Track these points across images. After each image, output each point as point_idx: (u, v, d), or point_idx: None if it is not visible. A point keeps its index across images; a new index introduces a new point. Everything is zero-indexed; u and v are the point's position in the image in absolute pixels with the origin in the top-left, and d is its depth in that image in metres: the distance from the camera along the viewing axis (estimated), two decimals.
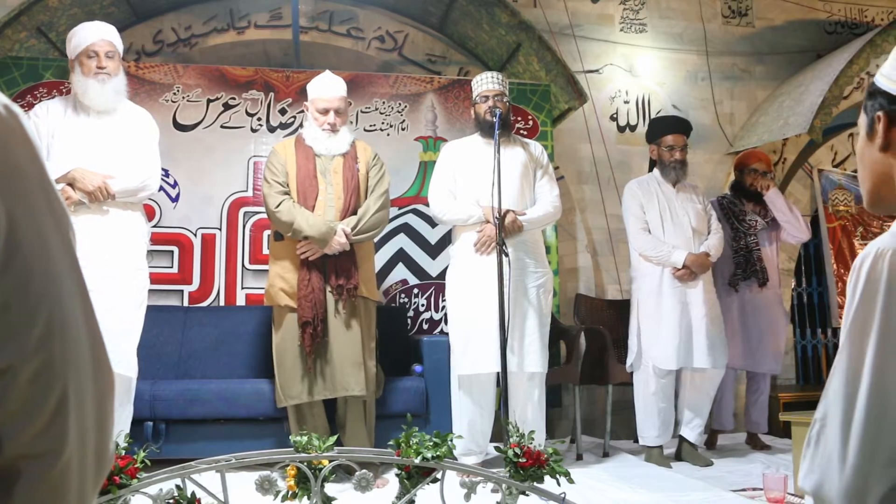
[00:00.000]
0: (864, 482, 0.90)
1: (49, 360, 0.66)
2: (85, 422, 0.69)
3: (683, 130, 4.05)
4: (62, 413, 0.67)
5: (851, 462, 0.91)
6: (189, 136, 4.32)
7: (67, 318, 0.68)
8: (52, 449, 0.66)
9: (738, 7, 5.75)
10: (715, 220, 4.06)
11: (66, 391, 0.67)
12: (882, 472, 0.89)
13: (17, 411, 0.65)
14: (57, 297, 0.67)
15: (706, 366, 3.78)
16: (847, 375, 0.94)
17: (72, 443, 0.67)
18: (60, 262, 0.69)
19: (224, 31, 4.95)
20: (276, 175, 3.36)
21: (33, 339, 0.65)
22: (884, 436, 0.90)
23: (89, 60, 3.04)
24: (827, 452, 0.94)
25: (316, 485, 2.09)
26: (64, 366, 0.67)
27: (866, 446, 0.90)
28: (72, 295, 0.69)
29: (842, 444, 0.92)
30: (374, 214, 3.36)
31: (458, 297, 3.48)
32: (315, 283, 3.24)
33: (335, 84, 3.43)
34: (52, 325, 0.66)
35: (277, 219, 3.28)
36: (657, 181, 4.02)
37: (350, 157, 3.41)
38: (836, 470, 0.92)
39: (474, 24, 4.89)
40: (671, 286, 3.85)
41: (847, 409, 0.93)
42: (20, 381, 0.65)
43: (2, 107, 0.66)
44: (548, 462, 2.18)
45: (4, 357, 0.64)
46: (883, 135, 1.04)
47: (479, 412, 3.40)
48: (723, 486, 3.23)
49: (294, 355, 3.24)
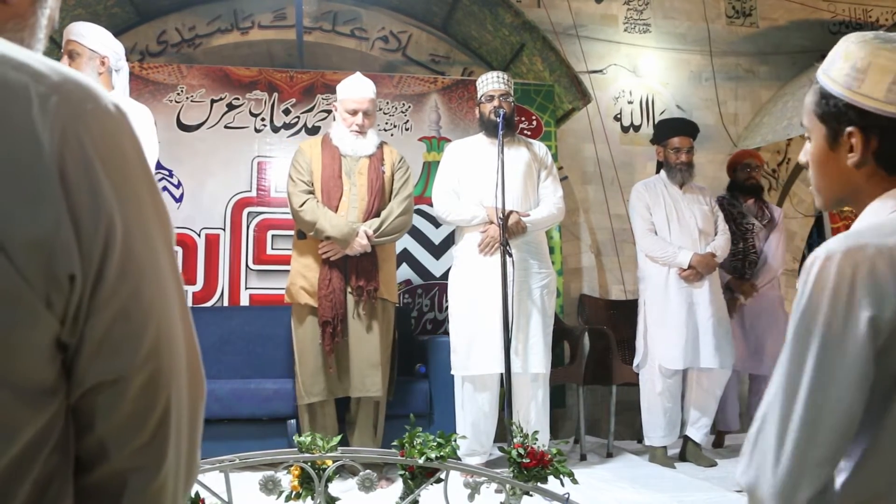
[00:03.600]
0: (796, 482, 0.91)
1: (157, 371, 0.65)
2: (181, 432, 0.68)
3: (690, 133, 4.04)
4: (165, 424, 0.66)
5: (785, 462, 0.92)
6: (193, 136, 4.32)
7: (172, 326, 0.67)
8: (155, 460, 0.66)
9: (742, 7, 5.74)
10: (722, 220, 4.06)
11: (169, 402, 0.66)
12: (813, 472, 0.91)
13: (124, 423, 0.64)
14: (165, 304, 0.66)
15: (713, 366, 3.78)
16: (788, 376, 0.95)
17: (171, 454, 0.67)
18: (166, 268, 0.67)
19: (228, 32, 4.96)
20: (301, 174, 3.37)
21: (145, 349, 0.64)
22: (818, 437, 0.91)
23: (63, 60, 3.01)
24: (763, 451, 0.95)
25: (319, 485, 2.09)
26: (169, 377, 0.66)
27: (800, 447, 0.91)
28: (175, 302, 0.68)
29: (777, 444, 0.93)
30: (398, 218, 3.37)
31: (462, 298, 3.48)
32: (336, 283, 3.26)
33: (365, 85, 3.44)
34: (161, 334, 0.65)
35: (301, 218, 3.30)
36: (664, 183, 4.02)
37: (376, 159, 3.42)
38: (770, 469, 0.93)
39: (478, 24, 4.89)
40: (678, 287, 3.84)
41: (785, 410, 0.93)
42: (130, 392, 0.63)
43: (113, 106, 0.64)
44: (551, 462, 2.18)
45: (117, 367, 0.63)
46: (861, 152, 1.04)
47: (482, 413, 3.40)
48: (726, 487, 3.22)
49: (315, 353, 3.27)
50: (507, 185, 3.27)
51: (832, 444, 0.91)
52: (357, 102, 3.40)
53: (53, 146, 0.58)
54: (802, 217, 5.63)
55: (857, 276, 0.91)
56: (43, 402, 0.60)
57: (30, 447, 0.59)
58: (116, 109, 0.64)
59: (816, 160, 1.10)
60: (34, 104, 0.58)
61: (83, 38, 2.97)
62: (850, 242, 0.94)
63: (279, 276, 4.16)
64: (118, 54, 3.07)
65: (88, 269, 0.60)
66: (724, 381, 3.90)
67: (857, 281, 0.91)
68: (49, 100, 0.59)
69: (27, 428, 0.59)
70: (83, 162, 0.60)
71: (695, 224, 3.93)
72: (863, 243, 0.93)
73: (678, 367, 3.78)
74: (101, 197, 0.60)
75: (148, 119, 3.03)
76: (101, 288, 0.61)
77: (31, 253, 0.57)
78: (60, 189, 0.58)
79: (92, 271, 0.60)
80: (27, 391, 0.59)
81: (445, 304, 4.25)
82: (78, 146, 0.60)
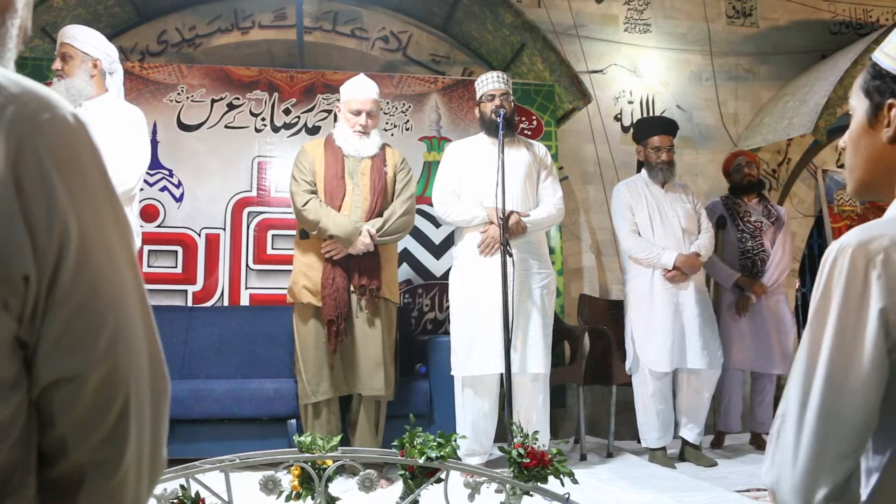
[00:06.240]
0: (814, 478, 0.90)
1: (114, 368, 0.67)
2: (143, 428, 0.70)
3: (670, 131, 4.03)
4: (124, 420, 0.68)
5: (802, 458, 0.91)
6: (193, 136, 4.32)
7: (131, 324, 0.69)
8: (115, 455, 0.68)
9: (743, 7, 5.74)
10: (705, 218, 4.04)
11: (129, 398, 0.68)
12: (831, 467, 0.90)
13: (82, 419, 0.66)
14: (122, 303, 0.68)
15: (701, 366, 3.77)
16: (804, 371, 0.94)
17: (131, 449, 0.69)
18: (125, 270, 0.69)
19: (228, 32, 4.96)
20: (304, 174, 3.39)
21: (101, 346, 0.66)
22: (834, 432, 0.90)
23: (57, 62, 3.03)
24: (783, 448, 0.94)
25: (320, 485, 2.09)
26: (127, 373, 0.68)
27: (817, 442, 0.90)
28: (134, 301, 0.70)
29: (795, 440, 0.92)
30: (400, 218, 3.38)
31: (462, 298, 3.48)
32: (339, 281, 3.27)
33: (368, 86, 3.45)
34: (118, 332, 0.67)
35: (304, 217, 3.31)
36: (645, 182, 4.01)
37: (379, 159, 3.43)
38: (790, 466, 0.92)
39: (478, 24, 4.89)
40: (662, 288, 3.84)
41: (802, 405, 0.93)
42: (88, 388, 0.65)
43: (70, 116, 0.67)
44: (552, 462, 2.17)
45: (74, 364, 0.65)
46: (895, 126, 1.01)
47: (482, 413, 3.40)
48: (726, 487, 3.22)
49: (318, 352, 3.28)
50: (507, 185, 3.27)
51: (849, 439, 0.90)
52: (360, 103, 3.41)
53: (9, 154, 0.61)
54: (802, 217, 5.63)
55: (870, 269, 0.90)
56: (4, 396, 0.62)
57: None
58: (74, 119, 0.67)
59: (853, 137, 1.08)
60: None
61: (76, 42, 2.99)
62: (864, 235, 0.93)
63: (279, 275, 4.17)
64: (111, 57, 3.08)
65: (43, 270, 0.62)
66: (713, 381, 3.89)
67: (871, 273, 0.90)
68: (6, 110, 0.62)
69: None
70: (38, 169, 0.62)
71: (678, 223, 3.92)
72: (877, 235, 0.92)
73: (666, 369, 3.78)
74: (55, 202, 0.63)
75: (140, 120, 3.04)
76: (56, 288, 0.63)
77: None
78: (14, 195, 0.61)
79: (47, 272, 0.63)
80: None
81: (445, 304, 4.25)
82: (33, 154, 0.62)
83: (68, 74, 2.99)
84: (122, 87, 3.16)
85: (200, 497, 2.04)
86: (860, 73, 1.09)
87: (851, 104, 1.09)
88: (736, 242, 4.30)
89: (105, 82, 3.06)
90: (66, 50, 2.99)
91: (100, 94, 3.03)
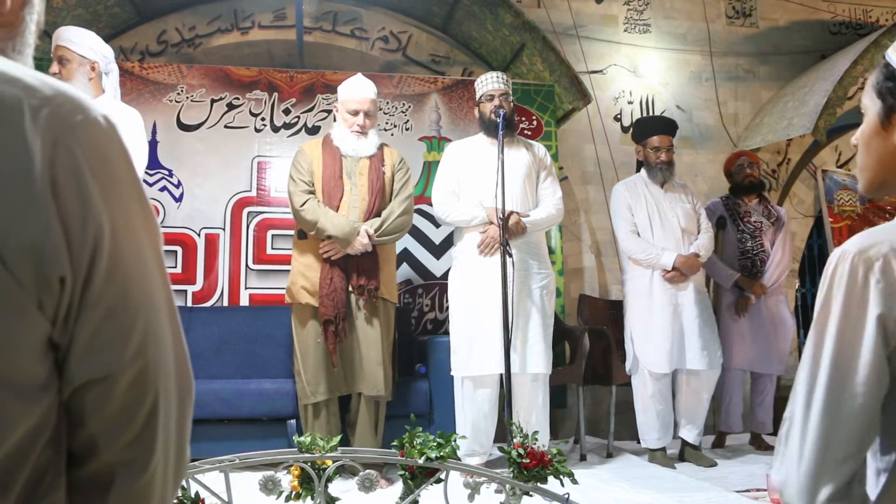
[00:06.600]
0: (818, 479, 0.92)
1: (144, 368, 0.67)
2: (169, 427, 0.71)
3: (669, 131, 4.02)
4: (153, 420, 0.69)
5: (806, 459, 0.93)
6: (193, 136, 4.32)
7: (160, 325, 0.69)
8: (143, 455, 0.69)
9: (742, 7, 5.74)
10: (705, 218, 4.03)
11: (157, 398, 0.69)
12: (833, 469, 0.91)
13: (113, 419, 0.67)
14: (152, 304, 0.69)
15: (700, 367, 3.77)
16: (808, 375, 0.96)
17: (159, 449, 0.69)
18: (154, 270, 0.70)
19: (228, 32, 4.96)
20: (302, 174, 3.39)
21: (132, 346, 0.66)
22: (836, 434, 0.91)
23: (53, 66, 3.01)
24: (790, 449, 0.96)
25: (319, 485, 2.09)
26: (156, 373, 0.68)
27: (820, 444, 0.92)
28: (162, 301, 0.71)
29: (800, 442, 0.94)
30: (398, 218, 3.38)
31: (462, 298, 3.47)
32: (337, 282, 3.27)
33: (366, 86, 3.45)
34: (148, 332, 0.68)
35: (301, 217, 3.31)
36: (644, 182, 4.00)
37: (377, 159, 3.43)
38: (795, 467, 0.94)
39: (478, 24, 4.89)
40: (662, 288, 3.83)
41: (806, 409, 0.95)
42: (119, 388, 0.66)
43: (102, 118, 0.67)
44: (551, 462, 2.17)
45: (105, 364, 0.65)
46: None
47: (482, 413, 3.40)
48: (726, 487, 3.22)
49: (317, 353, 3.28)
50: (506, 185, 3.27)
51: (851, 442, 0.91)
52: (358, 103, 3.40)
53: (45, 156, 0.61)
54: (802, 217, 5.63)
55: (869, 275, 0.92)
56: (36, 398, 0.63)
57: (24, 441, 0.62)
58: (105, 121, 0.67)
59: (865, 137, 1.07)
60: (26, 116, 0.61)
61: (72, 45, 2.97)
62: (864, 241, 0.94)
63: (279, 275, 4.16)
64: (107, 58, 3.06)
65: (78, 272, 0.63)
66: (713, 382, 3.89)
67: (870, 279, 0.91)
68: (40, 112, 0.62)
69: (21, 423, 0.61)
70: (73, 170, 0.63)
71: (677, 223, 3.91)
72: (877, 241, 0.94)
73: (665, 370, 3.77)
74: (90, 203, 0.63)
75: (137, 122, 3.03)
76: (90, 289, 0.64)
77: (24, 257, 0.60)
78: (51, 196, 0.61)
79: (81, 274, 0.63)
80: (21, 388, 0.62)
81: (445, 304, 4.25)
82: (68, 156, 0.63)
83: (66, 78, 2.95)
84: (118, 88, 3.15)
85: (200, 497, 2.04)
86: (860, 73, 1.10)
87: (864, 103, 1.09)
88: (736, 243, 4.30)
89: (102, 83, 3.05)
90: (62, 53, 2.97)
91: (97, 95, 3.02)
